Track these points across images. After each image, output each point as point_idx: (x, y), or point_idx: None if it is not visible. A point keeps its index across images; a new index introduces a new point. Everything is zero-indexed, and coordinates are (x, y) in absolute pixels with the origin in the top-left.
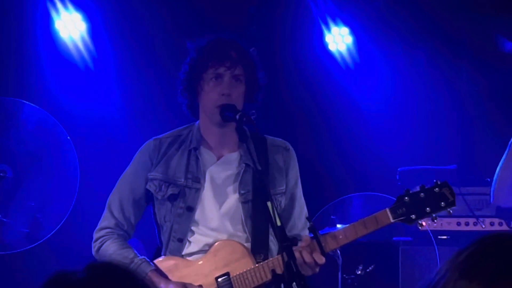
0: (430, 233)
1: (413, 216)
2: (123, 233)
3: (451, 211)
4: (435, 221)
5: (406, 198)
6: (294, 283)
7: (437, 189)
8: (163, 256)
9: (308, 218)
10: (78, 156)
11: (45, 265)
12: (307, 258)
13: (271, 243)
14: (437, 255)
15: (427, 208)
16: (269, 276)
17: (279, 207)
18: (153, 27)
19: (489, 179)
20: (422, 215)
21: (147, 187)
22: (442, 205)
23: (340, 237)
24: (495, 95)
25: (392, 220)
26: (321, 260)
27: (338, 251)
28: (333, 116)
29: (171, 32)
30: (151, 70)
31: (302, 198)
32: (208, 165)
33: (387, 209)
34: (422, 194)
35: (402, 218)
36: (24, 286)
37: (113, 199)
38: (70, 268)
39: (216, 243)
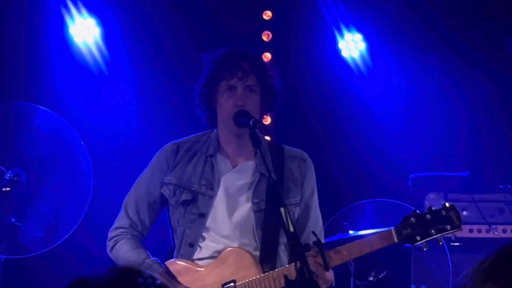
0: (443, 240)
1: (418, 238)
2: (137, 234)
3: (456, 235)
4: (440, 243)
5: (412, 218)
6: None
7: (444, 211)
8: (174, 259)
9: (314, 232)
10: (92, 161)
11: (59, 269)
12: (312, 266)
13: (282, 252)
14: (450, 261)
15: (432, 230)
16: (273, 287)
17: (292, 217)
18: (167, 32)
19: (501, 186)
20: (426, 236)
21: (162, 191)
22: (448, 228)
23: (345, 253)
24: (508, 103)
25: (396, 240)
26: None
27: None
28: (346, 122)
29: (185, 36)
30: (165, 75)
31: (318, 210)
32: (223, 173)
33: (393, 229)
34: (428, 216)
35: (406, 238)
36: None
37: (129, 199)
38: (84, 272)
39: (225, 251)
